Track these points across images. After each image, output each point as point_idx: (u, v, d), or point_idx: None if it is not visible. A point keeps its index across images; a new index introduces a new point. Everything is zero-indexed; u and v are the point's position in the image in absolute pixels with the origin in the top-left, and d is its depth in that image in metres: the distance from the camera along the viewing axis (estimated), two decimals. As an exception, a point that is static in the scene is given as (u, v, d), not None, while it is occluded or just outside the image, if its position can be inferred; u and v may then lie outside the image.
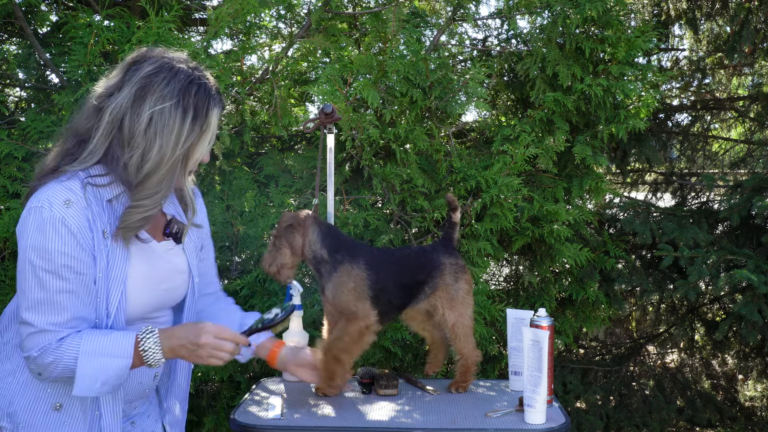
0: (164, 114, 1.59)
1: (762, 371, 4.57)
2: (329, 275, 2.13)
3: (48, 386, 1.67)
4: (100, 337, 1.60)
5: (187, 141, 1.62)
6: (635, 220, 3.83)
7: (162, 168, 1.60)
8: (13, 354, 1.70)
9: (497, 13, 3.69)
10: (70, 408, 1.68)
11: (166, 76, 1.61)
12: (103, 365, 1.58)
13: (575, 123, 3.37)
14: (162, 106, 1.59)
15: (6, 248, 2.91)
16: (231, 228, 3.20)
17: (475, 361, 2.32)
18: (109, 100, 1.62)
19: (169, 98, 1.59)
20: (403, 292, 2.23)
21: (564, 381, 4.10)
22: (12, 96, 3.68)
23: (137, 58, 1.66)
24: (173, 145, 1.60)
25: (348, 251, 2.14)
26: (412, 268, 2.26)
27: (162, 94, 1.59)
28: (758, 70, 4.93)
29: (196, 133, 1.63)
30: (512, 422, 2.02)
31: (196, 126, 1.62)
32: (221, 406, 3.22)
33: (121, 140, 1.60)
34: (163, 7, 3.21)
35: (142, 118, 1.58)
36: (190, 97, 1.61)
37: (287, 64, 3.41)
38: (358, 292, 2.11)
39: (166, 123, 1.59)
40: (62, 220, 1.55)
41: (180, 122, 1.60)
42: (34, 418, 1.66)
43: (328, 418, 2.05)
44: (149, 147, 1.59)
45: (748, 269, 3.34)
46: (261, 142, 3.67)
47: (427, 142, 3.15)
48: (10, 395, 1.68)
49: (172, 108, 1.59)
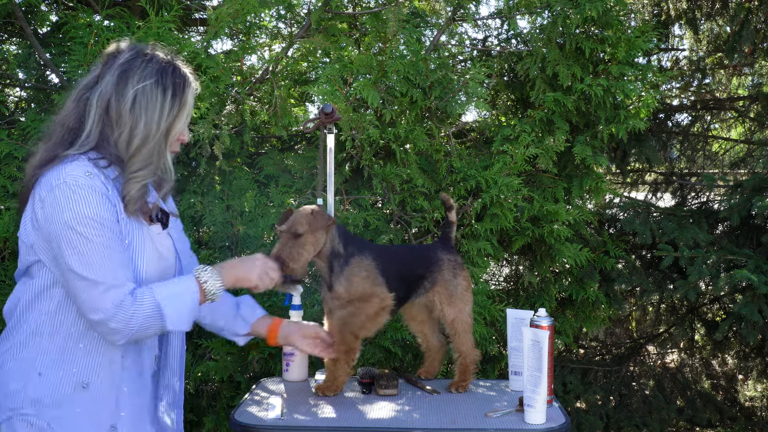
0: (146, 91, 1.73)
1: (762, 371, 4.57)
2: (341, 268, 2.17)
3: (72, 365, 1.71)
4: (166, 284, 1.74)
5: (170, 115, 1.76)
6: (635, 220, 3.83)
7: (150, 141, 1.74)
8: (30, 341, 1.72)
9: (497, 13, 3.69)
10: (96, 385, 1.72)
11: (143, 59, 1.76)
12: (182, 305, 1.73)
13: (575, 123, 3.37)
14: (143, 84, 1.73)
15: (6, 248, 2.91)
16: (231, 228, 3.20)
17: (474, 360, 2.33)
18: (92, 90, 1.75)
19: (149, 77, 1.74)
20: (403, 284, 2.27)
21: (564, 381, 4.10)
22: (12, 96, 3.68)
23: (113, 51, 1.79)
24: (157, 119, 1.74)
25: (356, 246, 2.21)
26: (411, 262, 2.32)
27: (142, 75, 1.74)
28: (758, 70, 4.93)
29: (176, 108, 1.77)
30: (512, 422, 2.02)
31: (175, 102, 1.77)
32: (221, 406, 3.22)
33: (110, 122, 1.73)
34: (163, 7, 3.21)
35: (127, 97, 1.72)
36: (167, 76, 1.76)
37: (287, 64, 3.41)
38: (372, 278, 2.17)
39: (149, 100, 1.73)
40: (92, 187, 1.66)
41: (161, 98, 1.74)
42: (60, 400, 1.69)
43: (328, 418, 2.05)
44: (136, 123, 1.72)
45: (748, 269, 3.34)
46: (261, 142, 3.67)
47: (427, 142, 3.15)
48: (33, 383, 1.69)
49: (153, 86, 1.74)
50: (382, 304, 2.17)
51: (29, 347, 1.71)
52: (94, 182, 1.66)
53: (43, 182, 1.68)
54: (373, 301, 2.16)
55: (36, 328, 1.71)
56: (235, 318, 2.15)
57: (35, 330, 1.71)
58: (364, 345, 3.15)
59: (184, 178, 3.29)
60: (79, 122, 1.74)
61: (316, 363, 3.06)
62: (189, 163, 3.28)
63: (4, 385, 1.71)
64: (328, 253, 2.18)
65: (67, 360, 1.70)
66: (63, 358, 1.70)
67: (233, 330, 2.15)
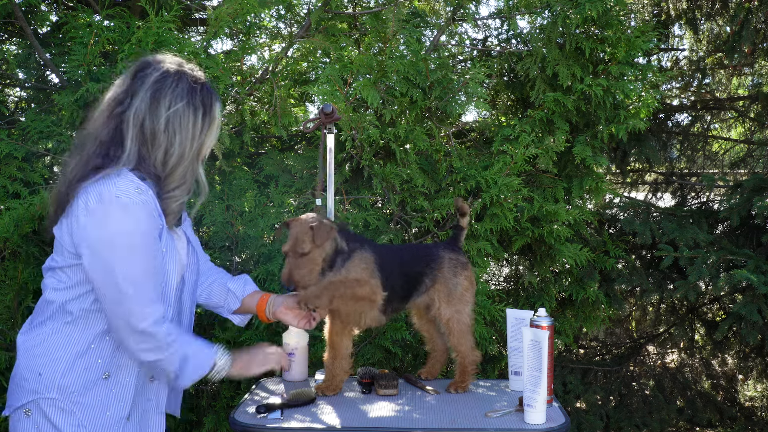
0: (178, 113, 1.81)
1: (762, 371, 4.57)
2: (344, 263, 2.17)
3: (99, 357, 1.82)
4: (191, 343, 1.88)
5: (201, 134, 1.85)
6: (635, 220, 3.83)
7: (184, 161, 1.83)
8: (63, 329, 1.82)
9: (497, 13, 3.69)
10: (117, 376, 1.84)
11: (173, 80, 1.82)
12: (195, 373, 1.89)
13: (575, 123, 3.37)
14: (176, 107, 1.80)
15: (6, 248, 2.91)
16: (231, 228, 3.20)
17: (473, 361, 2.32)
18: (125, 107, 1.81)
19: (180, 99, 1.81)
20: (405, 281, 2.27)
21: (564, 381, 4.10)
22: (12, 96, 3.68)
23: (141, 66, 1.85)
24: (190, 138, 1.83)
25: (358, 242, 2.21)
26: (411, 258, 2.31)
27: (173, 96, 1.81)
28: (758, 70, 4.93)
29: (207, 126, 1.86)
30: (512, 422, 2.02)
31: (206, 120, 1.85)
32: (221, 406, 3.22)
33: (145, 141, 1.81)
34: (163, 7, 3.21)
35: (161, 119, 1.80)
36: (197, 95, 1.84)
37: (287, 64, 3.41)
38: (370, 270, 2.17)
39: (181, 121, 1.81)
40: (144, 203, 1.75)
41: (193, 119, 1.83)
42: (85, 388, 1.80)
43: (328, 418, 2.05)
44: (170, 143, 1.81)
45: (748, 269, 3.34)
46: (261, 142, 3.66)
47: (427, 142, 3.15)
48: (62, 368, 1.80)
49: (184, 107, 1.81)
50: (371, 294, 2.16)
51: (61, 336, 1.82)
52: (145, 198, 1.75)
53: (92, 193, 1.74)
54: (364, 287, 2.15)
55: (72, 320, 1.82)
56: (228, 294, 2.20)
57: (71, 322, 1.82)
58: (364, 345, 3.15)
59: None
60: (112, 137, 1.81)
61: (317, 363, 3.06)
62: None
63: (33, 370, 1.80)
64: (331, 253, 2.17)
65: (95, 352, 1.82)
66: (91, 351, 1.81)
67: (228, 307, 2.21)
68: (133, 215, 1.73)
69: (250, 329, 3.12)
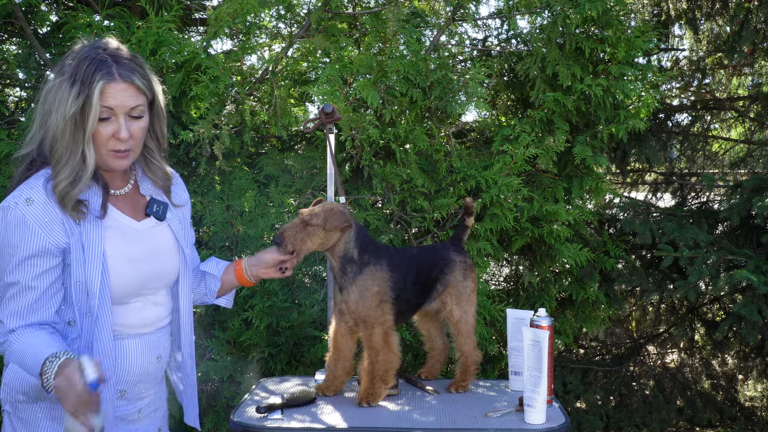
0: (54, 87, 1.70)
1: (762, 371, 4.57)
2: (355, 276, 2.15)
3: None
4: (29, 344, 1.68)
5: (70, 108, 1.67)
6: (635, 220, 3.83)
7: (62, 138, 1.69)
8: None
9: (497, 13, 3.69)
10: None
11: (72, 56, 1.72)
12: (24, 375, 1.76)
13: (575, 123, 3.37)
14: (54, 81, 1.71)
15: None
16: (231, 228, 3.20)
17: (475, 361, 2.33)
18: None
19: (61, 74, 1.70)
20: (419, 290, 2.27)
21: (564, 381, 4.10)
22: (12, 96, 3.68)
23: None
24: (62, 113, 1.68)
25: (373, 252, 2.18)
26: (426, 265, 2.29)
27: (58, 71, 1.72)
28: (758, 70, 4.93)
29: (80, 101, 1.67)
30: (512, 422, 2.02)
31: (80, 96, 1.67)
32: (221, 406, 3.22)
33: (39, 123, 1.74)
34: (162, 7, 3.21)
35: (41, 94, 1.73)
36: (81, 69, 1.68)
37: (287, 64, 3.41)
38: (381, 295, 2.15)
39: (55, 96, 1.69)
40: (23, 217, 1.68)
41: (66, 93, 1.68)
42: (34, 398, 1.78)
43: (328, 418, 2.05)
44: (44, 120, 1.71)
45: (748, 269, 3.34)
46: (261, 142, 3.66)
47: (427, 142, 3.15)
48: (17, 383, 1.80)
49: (61, 81, 1.69)
50: (383, 328, 2.16)
51: None
52: (31, 210, 1.68)
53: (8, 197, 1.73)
54: (375, 331, 2.15)
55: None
56: (204, 277, 2.15)
57: None
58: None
59: (184, 178, 3.29)
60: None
61: (317, 363, 3.06)
62: (189, 163, 3.28)
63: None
64: (341, 254, 2.15)
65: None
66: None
67: (212, 290, 2.15)
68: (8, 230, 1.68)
69: (250, 329, 3.12)
